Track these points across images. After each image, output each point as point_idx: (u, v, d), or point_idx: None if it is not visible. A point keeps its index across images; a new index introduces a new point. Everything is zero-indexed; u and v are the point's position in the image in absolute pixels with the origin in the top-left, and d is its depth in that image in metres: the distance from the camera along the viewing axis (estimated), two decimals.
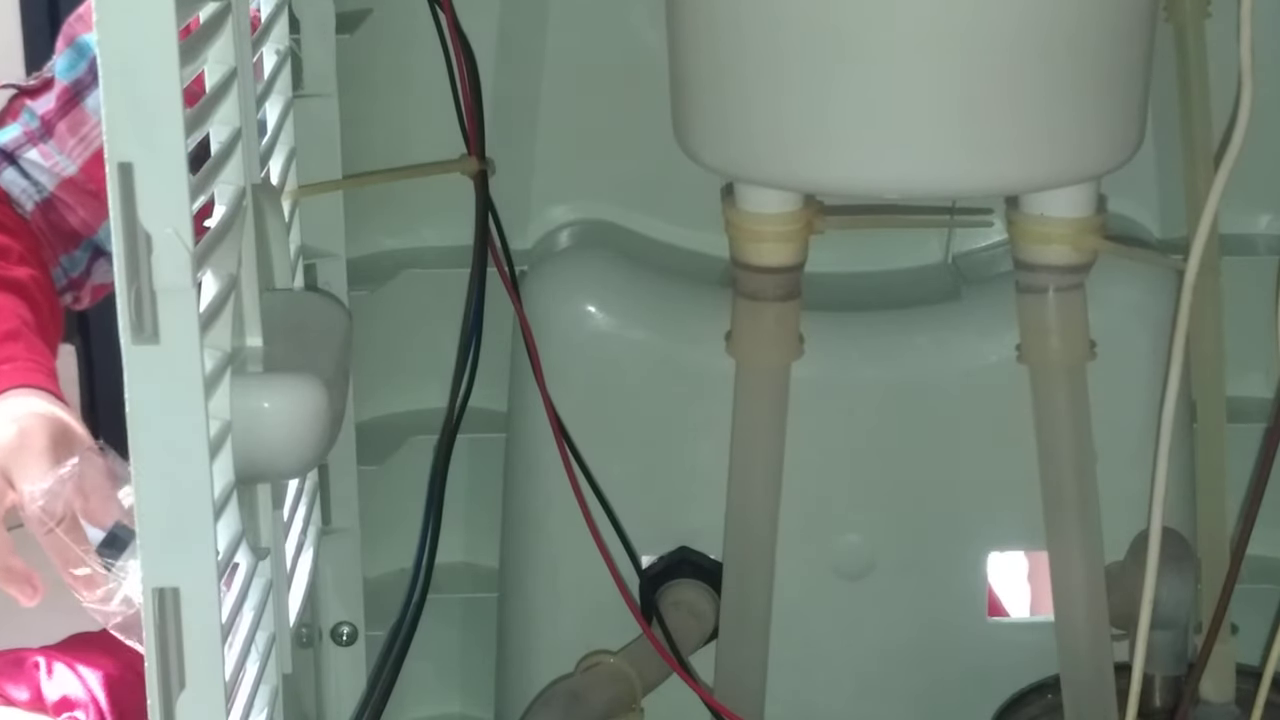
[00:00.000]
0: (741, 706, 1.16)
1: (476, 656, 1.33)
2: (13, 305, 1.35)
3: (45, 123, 1.44)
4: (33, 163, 1.44)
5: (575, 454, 1.20)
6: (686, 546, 1.26)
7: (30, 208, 1.44)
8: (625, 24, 1.25)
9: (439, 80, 1.16)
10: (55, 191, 1.45)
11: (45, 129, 1.44)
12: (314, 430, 0.86)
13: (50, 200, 1.45)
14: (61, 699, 1.30)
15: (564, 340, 1.23)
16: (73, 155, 1.44)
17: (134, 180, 0.71)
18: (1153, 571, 1.03)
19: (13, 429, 1.21)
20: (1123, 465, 1.17)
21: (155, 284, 0.71)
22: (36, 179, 1.45)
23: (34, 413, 1.23)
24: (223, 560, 0.80)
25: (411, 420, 1.30)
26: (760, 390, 1.13)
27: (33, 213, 1.44)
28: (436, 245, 1.29)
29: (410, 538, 1.17)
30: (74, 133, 1.44)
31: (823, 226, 1.09)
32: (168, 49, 0.70)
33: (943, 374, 1.25)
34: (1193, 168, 1.16)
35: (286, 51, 1.11)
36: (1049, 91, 0.99)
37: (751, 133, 1.02)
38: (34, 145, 1.45)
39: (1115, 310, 1.19)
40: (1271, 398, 1.30)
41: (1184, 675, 1.22)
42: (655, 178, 1.27)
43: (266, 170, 1.02)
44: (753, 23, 1.00)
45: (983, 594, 1.29)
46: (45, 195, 1.45)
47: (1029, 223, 1.07)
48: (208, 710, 0.76)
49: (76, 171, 1.44)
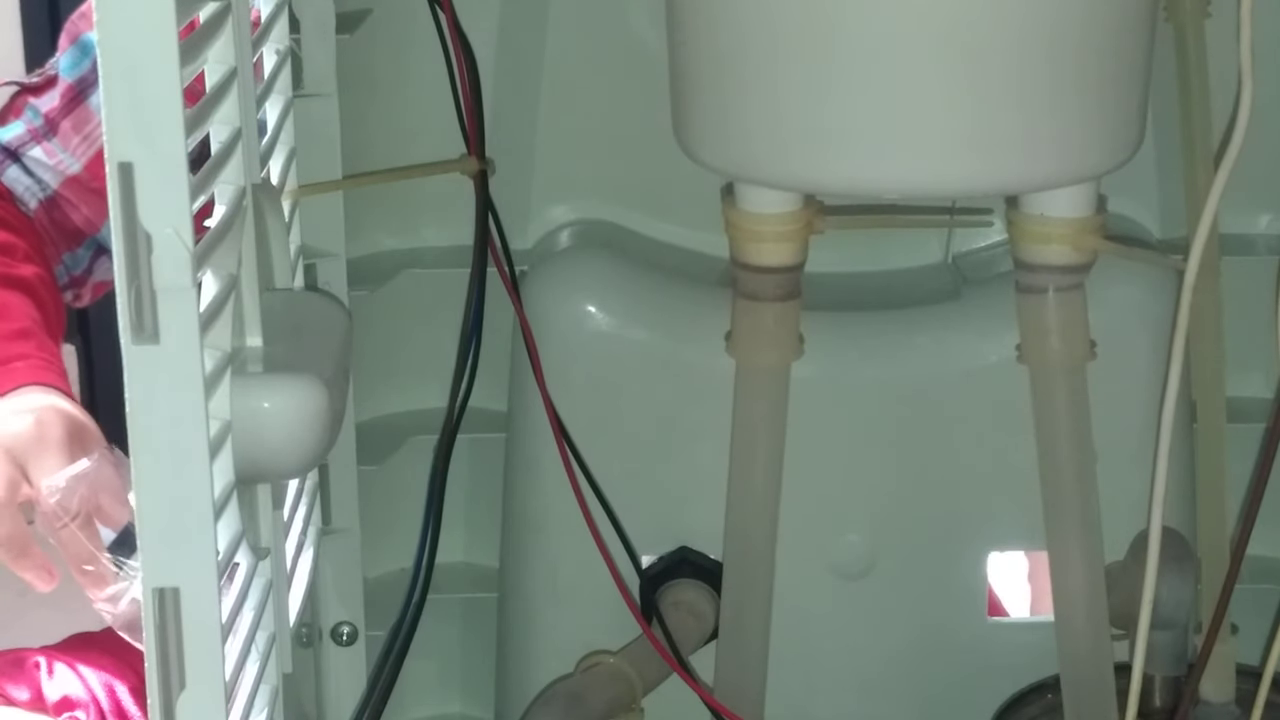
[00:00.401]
0: (741, 706, 1.16)
1: (476, 656, 1.33)
2: (21, 304, 1.35)
3: (49, 121, 1.44)
4: (37, 160, 1.44)
5: (575, 454, 1.20)
6: (686, 546, 1.26)
7: (34, 205, 1.44)
8: (625, 24, 1.25)
9: (439, 80, 1.16)
10: (59, 189, 1.45)
11: (49, 127, 1.44)
12: (314, 430, 0.86)
13: (54, 198, 1.45)
14: (62, 699, 1.30)
15: (564, 340, 1.23)
16: (77, 153, 1.44)
17: (134, 180, 0.70)
18: (1153, 571, 1.03)
19: (30, 422, 1.21)
20: (1123, 465, 1.17)
21: (155, 284, 0.71)
22: (40, 177, 1.44)
23: (52, 407, 1.23)
24: (223, 560, 0.80)
25: (411, 420, 1.30)
26: (760, 390, 1.13)
27: (36, 210, 1.44)
28: (436, 245, 1.29)
29: (410, 538, 1.17)
30: (78, 130, 1.44)
31: (823, 226, 1.09)
32: (168, 49, 0.70)
33: (943, 374, 1.25)
34: (1193, 168, 1.16)
35: (286, 51, 1.11)
36: (1049, 92, 0.99)
37: (751, 132, 1.02)
38: (38, 143, 1.44)
39: (1115, 310, 1.19)
40: (1271, 398, 1.30)
41: (1184, 675, 1.22)
42: (655, 178, 1.27)
43: (266, 170, 1.02)
44: (752, 22, 1.00)
45: (983, 594, 1.29)
46: (49, 193, 1.44)
47: (1029, 223, 1.07)
48: (208, 710, 0.76)
49: (81, 170, 1.44)
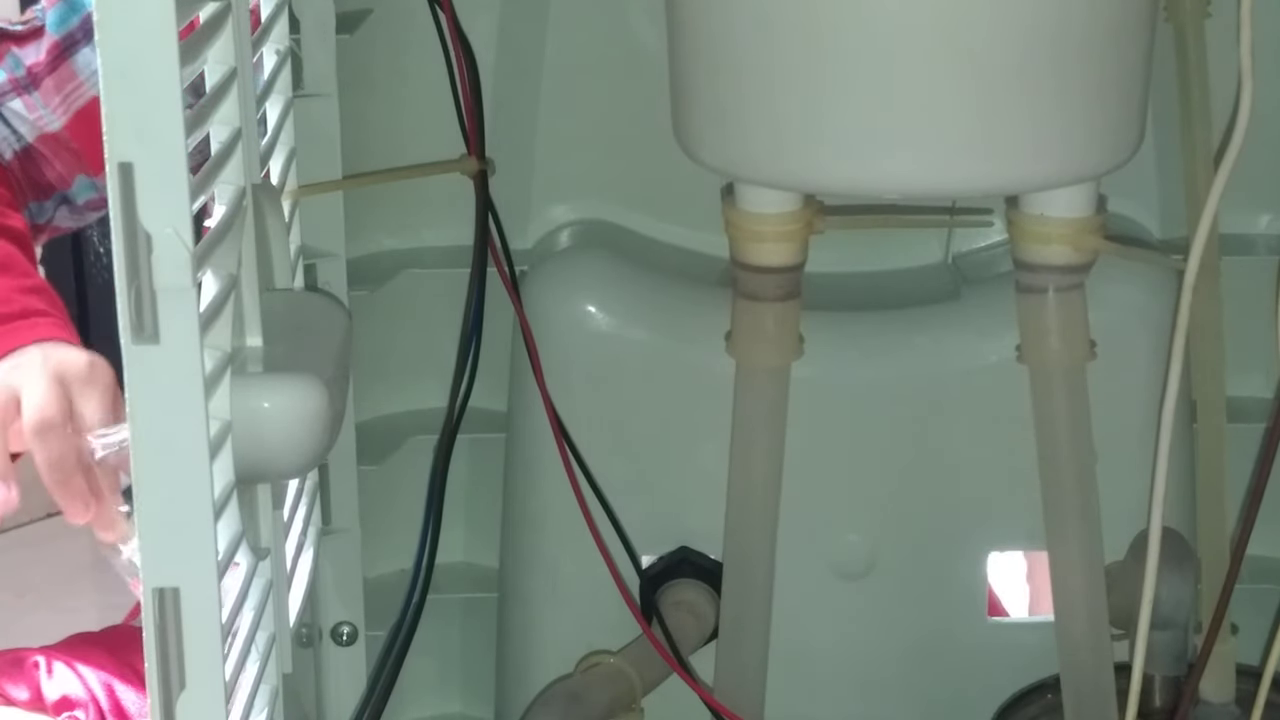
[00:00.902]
0: (741, 706, 1.16)
1: (476, 656, 1.33)
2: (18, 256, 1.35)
3: (32, 74, 1.43)
4: (15, 113, 1.43)
5: (575, 454, 1.20)
6: (686, 546, 1.26)
7: (9, 156, 1.43)
8: (625, 24, 1.25)
9: (439, 80, 1.16)
10: (34, 143, 1.44)
11: (31, 80, 1.43)
12: (314, 430, 0.86)
13: (29, 150, 1.44)
14: (61, 698, 1.30)
15: (564, 340, 1.23)
16: (57, 111, 1.43)
17: (134, 180, 0.70)
18: (1153, 571, 1.03)
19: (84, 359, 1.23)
20: (1123, 465, 1.17)
21: (155, 284, 0.71)
22: (17, 129, 1.43)
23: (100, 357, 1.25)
24: (223, 560, 0.80)
25: (411, 420, 1.29)
26: (760, 390, 1.13)
27: (10, 161, 1.44)
28: (436, 245, 1.29)
29: (410, 538, 1.17)
30: (60, 89, 1.43)
31: (823, 226, 1.09)
32: (168, 49, 0.70)
33: (943, 374, 1.25)
34: (1193, 168, 1.16)
35: (286, 51, 1.11)
36: (1049, 92, 0.99)
37: (751, 133, 1.02)
38: (18, 95, 1.43)
39: (1115, 310, 1.19)
40: (1271, 398, 1.30)
41: (1184, 675, 1.22)
42: (655, 178, 1.27)
43: (266, 170, 1.02)
44: (752, 21, 1.00)
45: (983, 594, 1.29)
46: (24, 145, 1.44)
47: (1029, 223, 1.07)
48: (208, 710, 0.76)
49: (60, 128, 1.44)
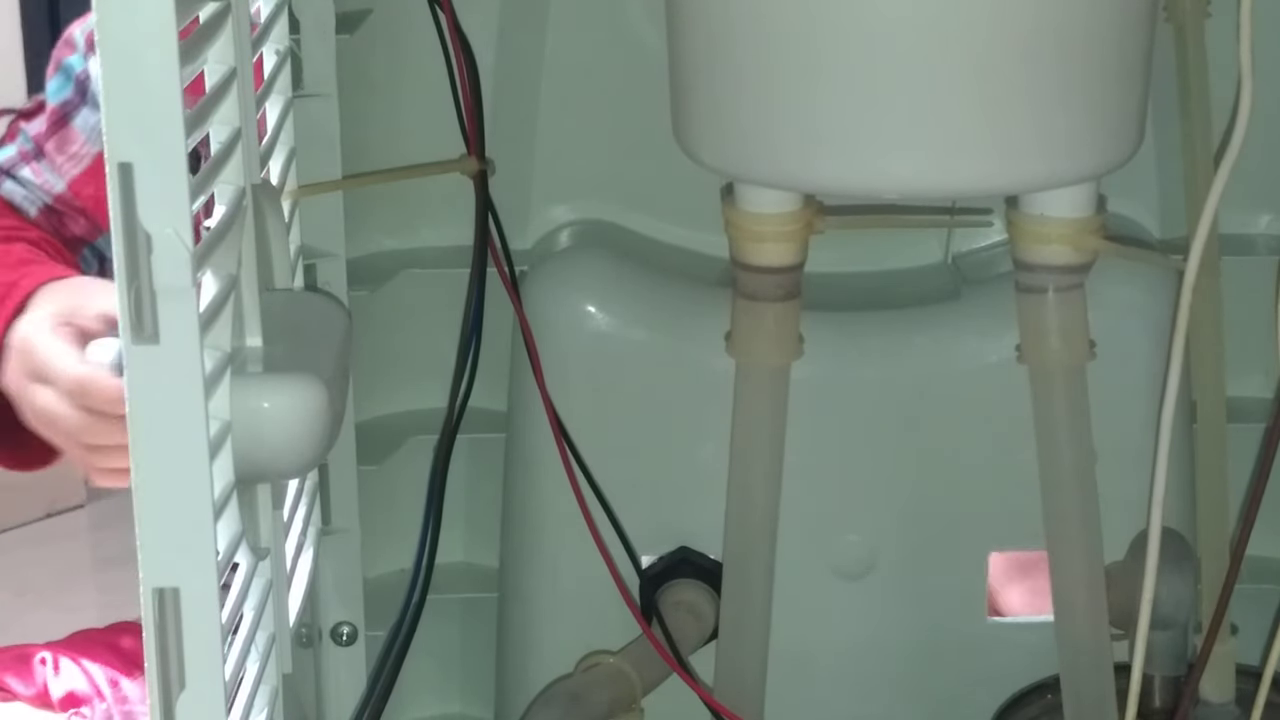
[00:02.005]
0: (741, 706, 1.16)
1: (476, 656, 1.33)
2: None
3: (37, 144, 1.48)
4: (26, 180, 1.47)
5: (575, 454, 1.20)
6: (686, 546, 1.26)
7: (34, 213, 1.47)
8: (625, 24, 1.25)
9: (439, 80, 1.16)
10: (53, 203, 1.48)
11: (37, 149, 1.47)
12: (314, 430, 0.86)
13: (49, 208, 1.47)
14: (67, 694, 1.30)
15: (564, 340, 1.23)
16: (61, 172, 1.46)
17: (134, 180, 0.70)
18: (1153, 571, 1.03)
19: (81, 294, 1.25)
20: (1123, 465, 1.17)
21: (155, 284, 0.71)
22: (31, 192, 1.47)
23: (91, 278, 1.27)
24: (223, 560, 0.80)
25: (411, 420, 1.29)
26: (760, 390, 1.13)
27: (37, 218, 1.47)
28: (436, 245, 1.29)
29: (410, 538, 1.17)
30: (62, 151, 1.47)
31: (823, 226, 1.09)
32: (168, 49, 0.70)
33: (943, 374, 1.25)
34: (1193, 168, 1.16)
35: (286, 51, 1.11)
36: (1050, 91, 0.99)
37: (750, 133, 1.02)
38: (26, 164, 1.48)
39: (1115, 310, 1.18)
40: (1271, 398, 1.29)
41: (1184, 675, 1.22)
42: (655, 178, 1.27)
43: (266, 170, 1.02)
44: (751, 21, 1.00)
45: (983, 594, 1.29)
46: (44, 204, 1.47)
47: (1029, 223, 1.07)
48: (208, 710, 0.75)
49: (64, 189, 1.47)
